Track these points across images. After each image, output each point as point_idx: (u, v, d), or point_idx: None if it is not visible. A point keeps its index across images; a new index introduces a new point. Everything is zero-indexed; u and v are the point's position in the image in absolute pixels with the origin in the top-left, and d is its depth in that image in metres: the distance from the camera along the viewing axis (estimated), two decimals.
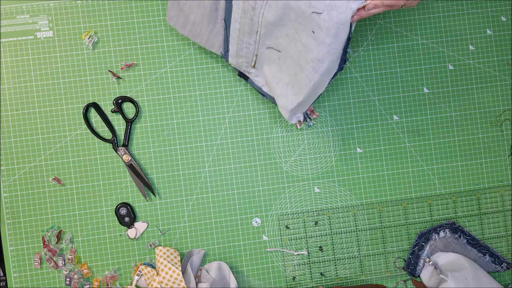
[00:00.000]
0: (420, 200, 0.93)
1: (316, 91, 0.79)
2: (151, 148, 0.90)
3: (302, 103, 0.81)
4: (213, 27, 0.81)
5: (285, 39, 0.75)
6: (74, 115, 0.89)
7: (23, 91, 0.88)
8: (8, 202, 0.88)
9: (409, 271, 0.92)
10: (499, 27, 0.94)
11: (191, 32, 0.83)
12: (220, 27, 0.81)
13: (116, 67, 0.90)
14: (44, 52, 0.89)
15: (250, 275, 0.91)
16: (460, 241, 0.92)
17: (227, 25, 0.80)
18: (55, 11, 0.89)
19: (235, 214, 0.91)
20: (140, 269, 0.88)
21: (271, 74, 0.82)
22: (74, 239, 0.89)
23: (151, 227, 0.90)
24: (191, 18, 0.81)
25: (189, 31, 0.83)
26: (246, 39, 0.80)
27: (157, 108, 0.90)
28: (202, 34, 0.83)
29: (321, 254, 0.92)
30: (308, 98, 0.80)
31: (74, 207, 0.89)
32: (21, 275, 0.88)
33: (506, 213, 0.94)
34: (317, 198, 0.92)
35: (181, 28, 0.84)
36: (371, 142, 0.93)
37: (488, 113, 0.94)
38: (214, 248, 0.91)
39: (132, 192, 0.90)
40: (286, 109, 0.82)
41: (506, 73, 0.94)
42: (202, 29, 0.82)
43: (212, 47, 0.84)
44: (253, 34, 0.79)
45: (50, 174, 0.89)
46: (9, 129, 0.88)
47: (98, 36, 0.89)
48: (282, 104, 0.83)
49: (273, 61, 0.81)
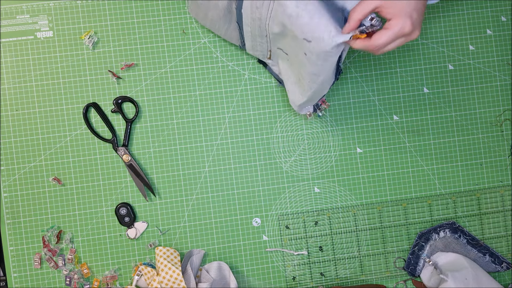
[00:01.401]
0: (420, 200, 0.93)
1: (319, 93, 0.81)
2: (151, 148, 0.90)
3: (308, 101, 0.83)
4: (228, 26, 0.84)
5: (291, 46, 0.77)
6: (74, 115, 0.89)
7: (23, 91, 0.88)
8: (8, 202, 0.88)
9: (409, 271, 0.92)
10: (499, 27, 0.94)
11: (210, 26, 0.87)
12: (235, 26, 0.83)
13: (116, 67, 0.90)
14: (44, 52, 0.89)
15: (250, 275, 0.91)
16: (460, 241, 0.92)
17: (240, 26, 0.82)
18: (55, 11, 0.89)
19: (235, 214, 0.91)
20: (140, 269, 0.88)
21: (283, 69, 0.85)
22: (74, 239, 0.89)
23: (151, 227, 0.90)
24: (209, 16, 0.84)
25: (209, 25, 0.87)
26: (258, 39, 0.83)
27: (157, 108, 0.90)
28: (220, 29, 0.86)
29: (321, 254, 0.92)
30: (312, 97, 0.82)
31: (74, 207, 0.89)
32: (21, 275, 0.88)
33: (506, 213, 0.94)
34: (317, 198, 0.92)
35: (202, 21, 0.87)
36: (371, 142, 0.93)
37: (488, 113, 0.94)
38: (214, 248, 0.91)
39: (132, 192, 0.90)
40: (294, 104, 0.85)
41: (506, 73, 0.94)
42: (220, 26, 0.85)
43: (231, 39, 0.88)
44: (263, 37, 0.82)
45: (50, 174, 0.89)
46: (9, 129, 0.88)
47: (98, 36, 0.89)
48: (292, 99, 0.85)
49: (284, 59, 0.83)
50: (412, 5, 0.68)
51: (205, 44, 0.91)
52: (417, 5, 0.68)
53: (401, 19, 0.67)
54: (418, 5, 0.69)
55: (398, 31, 0.68)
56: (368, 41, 0.69)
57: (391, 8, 0.67)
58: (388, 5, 0.67)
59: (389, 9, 0.68)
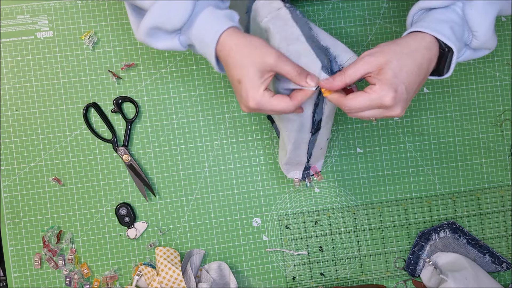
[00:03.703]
0: (420, 200, 0.93)
1: (299, 151, 0.77)
2: (151, 148, 0.90)
3: (291, 160, 0.79)
4: None
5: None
6: (74, 115, 0.89)
7: (23, 91, 0.88)
8: (8, 202, 0.88)
9: (409, 271, 0.92)
10: (499, 27, 0.94)
11: None
12: None
13: (116, 67, 0.90)
14: (44, 52, 0.89)
15: (250, 275, 0.91)
16: (460, 241, 0.92)
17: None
18: (55, 11, 0.89)
19: (235, 214, 0.91)
20: (140, 269, 0.88)
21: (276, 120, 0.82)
22: (74, 239, 0.89)
23: (151, 227, 0.90)
24: None
25: None
26: None
27: (157, 108, 0.90)
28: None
29: (321, 254, 0.92)
30: (295, 155, 0.78)
31: (74, 207, 0.89)
32: (21, 275, 0.88)
33: (506, 213, 0.94)
34: (317, 198, 0.92)
35: None
36: (371, 142, 0.93)
37: (488, 113, 0.94)
38: (214, 248, 0.91)
39: (132, 192, 0.90)
40: (281, 161, 0.82)
41: (506, 73, 0.94)
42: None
43: None
44: None
45: (50, 174, 0.89)
46: (9, 129, 0.88)
47: (98, 36, 0.89)
48: (280, 157, 0.83)
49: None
50: (404, 79, 0.61)
51: None
52: (409, 81, 0.62)
53: (384, 87, 0.60)
54: (410, 81, 0.62)
55: (375, 99, 0.61)
56: (343, 99, 0.62)
57: (381, 75, 0.61)
58: (378, 71, 0.61)
59: (378, 75, 0.61)
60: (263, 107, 0.63)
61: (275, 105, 0.62)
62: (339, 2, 0.92)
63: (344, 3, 0.92)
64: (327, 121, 0.73)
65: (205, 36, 0.63)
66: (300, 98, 0.63)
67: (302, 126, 0.70)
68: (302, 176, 0.84)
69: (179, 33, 0.66)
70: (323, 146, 0.79)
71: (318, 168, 0.84)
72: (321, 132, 0.74)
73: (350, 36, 0.92)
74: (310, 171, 0.84)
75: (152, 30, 0.65)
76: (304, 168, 0.83)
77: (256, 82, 0.62)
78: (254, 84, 0.62)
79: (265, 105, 0.62)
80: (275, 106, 0.62)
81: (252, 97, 0.62)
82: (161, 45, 0.67)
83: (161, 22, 0.63)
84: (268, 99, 0.62)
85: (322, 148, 0.79)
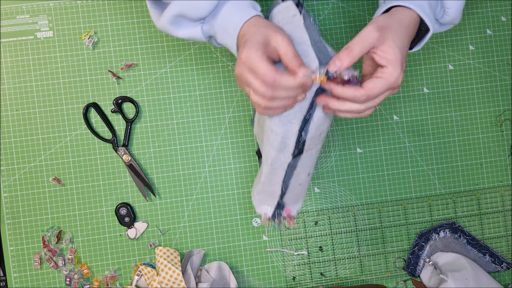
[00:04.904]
0: (420, 200, 0.93)
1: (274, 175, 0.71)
2: (151, 148, 0.90)
3: (264, 188, 0.73)
4: None
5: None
6: (74, 115, 0.89)
7: (23, 91, 0.88)
8: (8, 202, 0.88)
9: (409, 271, 0.92)
10: (499, 27, 0.94)
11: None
12: None
13: (116, 67, 0.90)
14: (44, 52, 0.89)
15: (250, 275, 0.91)
16: (460, 241, 0.92)
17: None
18: (55, 11, 0.89)
19: (235, 214, 0.91)
20: (140, 269, 0.88)
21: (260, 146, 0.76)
22: (74, 239, 0.89)
23: (151, 227, 0.90)
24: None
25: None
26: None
27: (157, 108, 0.90)
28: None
29: (321, 254, 0.92)
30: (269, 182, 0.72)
31: (74, 207, 0.89)
32: (21, 275, 0.88)
33: (506, 213, 0.94)
34: (317, 198, 0.92)
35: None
36: (371, 142, 0.93)
37: (488, 113, 0.94)
38: (214, 248, 0.91)
39: (132, 192, 0.90)
40: (253, 191, 0.76)
41: (506, 73, 0.94)
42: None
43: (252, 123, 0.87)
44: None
45: (50, 174, 0.89)
46: (9, 129, 0.88)
47: (98, 36, 0.89)
48: (253, 185, 0.77)
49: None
50: (404, 54, 0.62)
51: (205, 44, 0.91)
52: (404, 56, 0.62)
53: (397, 69, 0.60)
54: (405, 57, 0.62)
55: (392, 82, 0.61)
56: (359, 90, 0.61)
57: (388, 53, 0.61)
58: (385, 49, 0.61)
59: (386, 53, 0.61)
60: (252, 64, 0.60)
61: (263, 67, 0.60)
62: (339, 2, 0.92)
63: (344, 3, 0.92)
64: (311, 145, 0.68)
65: (229, 24, 0.65)
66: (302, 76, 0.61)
67: (285, 145, 0.67)
68: (272, 214, 0.74)
69: (203, 21, 0.67)
70: (302, 182, 0.72)
71: (293, 212, 0.74)
72: (303, 157, 0.68)
73: (350, 36, 0.92)
74: (283, 211, 0.74)
75: (176, 17, 0.66)
76: (277, 205, 0.74)
77: (257, 43, 0.62)
78: (255, 43, 0.62)
79: (255, 60, 0.60)
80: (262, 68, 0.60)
81: (246, 50, 0.61)
82: (182, 33, 0.68)
83: (188, 9, 0.65)
84: (260, 58, 0.60)
85: (301, 184, 0.72)
